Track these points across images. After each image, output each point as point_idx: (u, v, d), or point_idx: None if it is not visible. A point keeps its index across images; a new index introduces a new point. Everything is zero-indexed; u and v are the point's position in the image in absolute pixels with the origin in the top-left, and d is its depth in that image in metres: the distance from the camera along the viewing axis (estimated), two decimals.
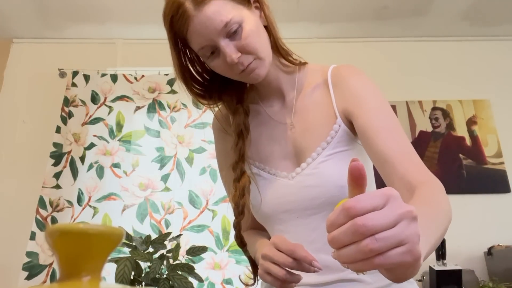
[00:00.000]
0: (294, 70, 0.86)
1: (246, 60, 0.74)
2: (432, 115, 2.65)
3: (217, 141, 0.95)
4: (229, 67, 0.75)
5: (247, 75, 0.76)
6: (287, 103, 0.85)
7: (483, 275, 2.20)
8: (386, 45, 2.79)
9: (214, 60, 0.76)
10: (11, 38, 2.73)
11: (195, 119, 2.47)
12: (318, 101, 0.82)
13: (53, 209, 2.24)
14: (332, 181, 0.75)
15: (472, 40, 2.83)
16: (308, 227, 0.78)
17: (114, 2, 2.42)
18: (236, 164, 0.81)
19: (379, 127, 0.71)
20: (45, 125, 2.49)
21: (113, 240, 0.27)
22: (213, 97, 0.85)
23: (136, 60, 2.67)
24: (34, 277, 2.09)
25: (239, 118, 0.84)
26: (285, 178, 0.81)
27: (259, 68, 0.76)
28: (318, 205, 0.77)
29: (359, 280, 0.76)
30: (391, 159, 0.67)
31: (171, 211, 2.26)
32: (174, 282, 1.56)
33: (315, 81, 0.84)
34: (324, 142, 0.78)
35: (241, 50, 0.73)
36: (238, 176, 0.80)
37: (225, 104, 0.86)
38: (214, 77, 0.84)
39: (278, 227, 0.82)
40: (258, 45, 0.75)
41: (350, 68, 0.83)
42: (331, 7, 2.52)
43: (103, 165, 2.33)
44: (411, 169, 0.65)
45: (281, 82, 0.85)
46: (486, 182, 2.48)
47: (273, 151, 0.84)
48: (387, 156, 0.68)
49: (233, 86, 0.86)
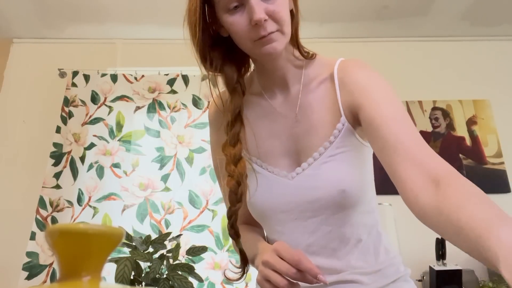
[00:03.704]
0: (302, 64, 0.82)
1: (270, 27, 0.69)
2: (432, 115, 2.65)
3: (211, 127, 0.92)
4: (250, 28, 0.69)
5: (263, 44, 0.70)
6: (292, 95, 0.81)
7: (483, 275, 2.20)
8: (386, 45, 2.79)
9: (235, 15, 0.70)
10: (11, 38, 2.73)
11: (195, 119, 2.47)
12: (323, 97, 0.79)
13: (53, 209, 2.24)
14: (333, 184, 0.73)
15: (472, 40, 2.83)
16: (306, 230, 0.77)
17: (114, 2, 2.42)
18: (229, 146, 0.77)
19: (389, 116, 0.66)
20: (45, 125, 2.49)
21: (113, 240, 0.27)
22: (214, 63, 0.78)
23: (136, 60, 2.67)
24: (34, 277, 2.10)
25: (237, 100, 0.79)
26: (284, 178, 0.78)
27: (278, 42, 0.70)
28: (317, 208, 0.75)
29: (357, 282, 0.76)
30: (403, 146, 0.61)
31: (171, 211, 2.26)
32: (174, 282, 1.56)
33: (322, 76, 0.80)
34: (327, 142, 0.75)
35: (269, 14, 0.68)
36: (234, 160, 0.75)
37: (224, 77, 0.80)
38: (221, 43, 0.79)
39: (276, 227, 0.80)
40: (286, 18, 0.71)
41: (357, 62, 0.79)
42: (331, 7, 2.52)
43: (103, 165, 2.34)
44: (428, 157, 0.59)
45: (288, 72, 0.80)
46: (486, 182, 2.48)
47: (273, 147, 0.80)
48: (399, 142, 0.62)
49: (236, 61, 0.81)
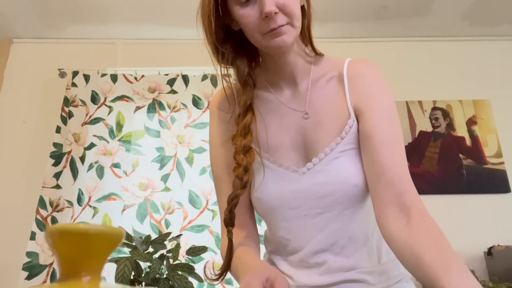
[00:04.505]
0: (311, 61, 0.83)
1: (280, 20, 0.70)
2: (432, 115, 2.65)
3: (214, 118, 0.88)
4: (260, 21, 0.70)
5: (273, 37, 0.71)
6: (300, 91, 0.81)
7: (483, 275, 2.20)
8: (386, 45, 2.79)
9: (246, 8, 0.71)
10: (11, 38, 2.73)
11: (195, 119, 2.47)
12: (332, 94, 0.79)
13: (53, 209, 2.24)
14: (345, 179, 0.73)
15: (472, 40, 2.83)
16: (315, 227, 0.76)
17: (114, 2, 2.43)
18: (239, 136, 0.77)
19: (385, 139, 0.71)
20: (45, 125, 2.49)
21: (113, 240, 0.27)
22: (226, 56, 0.79)
23: (136, 60, 2.68)
24: (34, 277, 2.09)
25: (248, 92, 0.80)
26: (295, 173, 0.77)
27: (288, 35, 0.71)
28: (328, 204, 0.74)
29: (363, 281, 0.76)
30: (389, 175, 0.68)
31: (171, 211, 2.26)
32: (174, 282, 1.56)
33: (330, 73, 0.81)
34: (339, 138, 0.76)
35: (280, 7, 0.69)
36: (244, 150, 0.75)
37: (236, 70, 0.80)
38: (232, 36, 0.79)
39: (283, 224, 0.78)
40: (296, 12, 0.72)
41: (367, 64, 0.81)
42: (331, 7, 2.52)
43: (103, 165, 2.33)
44: (406, 190, 0.67)
45: (296, 68, 0.81)
46: (486, 182, 2.48)
47: (282, 141, 0.80)
48: (387, 170, 0.69)
49: (247, 55, 0.81)
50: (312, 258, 0.77)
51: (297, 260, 0.78)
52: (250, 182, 0.79)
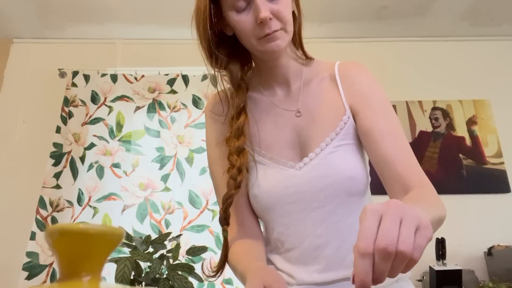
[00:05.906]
0: (303, 63, 0.87)
1: (275, 25, 0.73)
2: (432, 115, 2.65)
3: (209, 121, 0.90)
4: (255, 26, 0.73)
5: (267, 41, 0.74)
6: (293, 92, 0.85)
7: (483, 275, 2.20)
8: (386, 45, 2.79)
9: (241, 14, 0.74)
10: (11, 38, 2.73)
11: (195, 119, 2.47)
12: (325, 93, 0.82)
13: (53, 209, 2.24)
14: (342, 171, 0.75)
15: (472, 40, 2.83)
16: (314, 221, 0.77)
17: (114, 2, 2.43)
18: (233, 138, 0.79)
19: (385, 132, 0.74)
20: (45, 125, 2.49)
21: (113, 240, 0.27)
22: (219, 61, 0.81)
23: (136, 60, 2.67)
24: (34, 277, 2.09)
25: (241, 95, 0.82)
26: (292, 168, 0.79)
27: (282, 39, 0.75)
28: (325, 197, 0.76)
29: None
30: (394, 165, 0.71)
31: (171, 211, 2.26)
32: (174, 282, 1.56)
33: (322, 74, 0.85)
34: (333, 133, 0.78)
35: (274, 14, 0.73)
36: (237, 151, 0.78)
37: (229, 74, 0.83)
38: (225, 41, 0.82)
39: (281, 219, 0.79)
40: (289, 18, 0.75)
41: (357, 65, 0.84)
42: (331, 7, 2.52)
43: (103, 165, 2.33)
44: (411, 176, 0.70)
45: (289, 70, 0.84)
46: (486, 182, 2.48)
47: (277, 140, 0.82)
48: (391, 161, 0.71)
49: (240, 59, 0.84)
50: (312, 253, 0.77)
51: (297, 256, 0.78)
52: (246, 181, 0.81)
